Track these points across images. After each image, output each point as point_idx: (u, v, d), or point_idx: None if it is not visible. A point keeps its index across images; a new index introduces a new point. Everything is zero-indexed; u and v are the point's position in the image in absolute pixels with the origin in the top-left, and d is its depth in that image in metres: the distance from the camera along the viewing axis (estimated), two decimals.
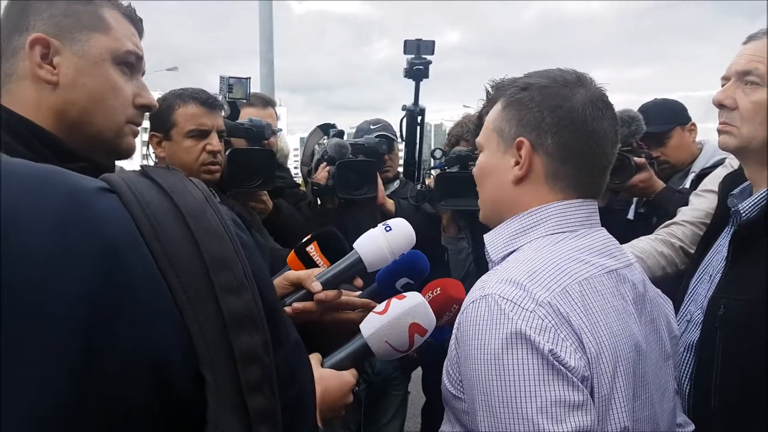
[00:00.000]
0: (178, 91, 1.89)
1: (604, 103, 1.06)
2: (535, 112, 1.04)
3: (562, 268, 0.96)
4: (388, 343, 1.07)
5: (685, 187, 2.27)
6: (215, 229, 0.56)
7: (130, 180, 0.56)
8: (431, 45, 2.58)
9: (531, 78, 1.08)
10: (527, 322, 0.88)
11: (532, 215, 1.05)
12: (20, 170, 0.51)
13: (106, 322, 0.47)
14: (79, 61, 1.01)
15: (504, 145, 1.08)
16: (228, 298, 0.53)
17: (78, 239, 0.48)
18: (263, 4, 6.46)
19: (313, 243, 1.34)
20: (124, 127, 1.07)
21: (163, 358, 0.50)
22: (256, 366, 0.54)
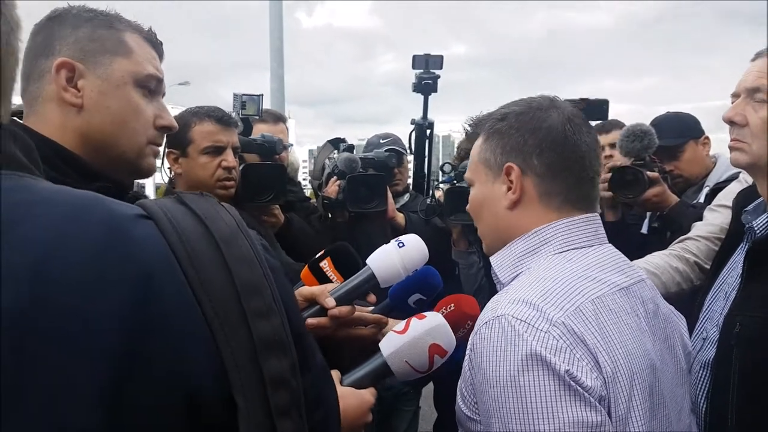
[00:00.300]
0: (194, 109, 1.92)
1: (581, 119, 1.10)
2: (516, 137, 1.07)
3: (574, 286, 0.96)
4: (408, 363, 1.06)
5: (699, 201, 2.26)
6: (246, 255, 0.57)
7: (165, 206, 0.58)
8: (440, 60, 2.60)
9: (506, 108, 1.12)
10: (542, 343, 0.88)
11: (539, 234, 1.06)
12: (60, 197, 0.53)
13: (140, 347, 0.48)
14: (103, 84, 1.04)
15: (492, 174, 1.11)
16: (258, 323, 0.54)
17: (114, 266, 0.49)
18: (273, 20, 6.55)
19: (327, 258, 1.35)
20: (146, 148, 1.10)
21: (195, 384, 0.51)
22: (285, 390, 0.55)
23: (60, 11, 1.07)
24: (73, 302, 0.46)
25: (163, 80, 1.12)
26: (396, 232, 2.46)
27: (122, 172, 1.09)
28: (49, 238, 0.48)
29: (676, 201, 2.18)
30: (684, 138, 2.50)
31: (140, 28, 1.12)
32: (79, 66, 1.02)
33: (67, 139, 1.01)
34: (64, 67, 1.01)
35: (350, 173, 2.36)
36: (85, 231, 0.50)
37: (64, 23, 1.05)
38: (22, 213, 0.49)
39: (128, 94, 1.06)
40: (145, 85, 1.08)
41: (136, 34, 1.10)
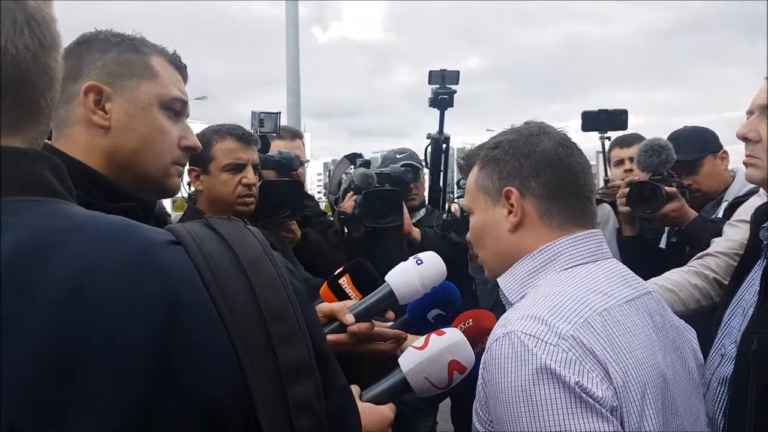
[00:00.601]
0: (216, 127, 1.96)
1: (571, 142, 1.14)
2: (512, 162, 1.11)
3: (581, 300, 0.98)
4: (427, 379, 1.06)
5: (718, 216, 2.25)
6: (271, 279, 0.58)
7: (194, 231, 0.60)
8: (455, 75, 2.63)
9: (498, 137, 1.16)
10: (552, 357, 0.89)
11: (543, 253, 1.08)
12: (94, 222, 0.55)
13: (168, 367, 0.49)
14: (130, 106, 1.07)
15: (492, 200, 1.14)
16: (283, 348, 0.56)
17: (146, 290, 0.51)
18: (289, 37, 6.64)
19: (345, 275, 1.36)
20: (171, 168, 1.12)
21: (220, 406, 0.52)
22: (309, 414, 0.56)
23: (88, 36, 1.10)
24: (106, 325, 0.48)
25: (188, 102, 1.15)
26: (412, 247, 2.46)
27: (148, 191, 1.11)
28: (83, 264, 0.50)
29: (694, 216, 2.17)
30: (702, 152, 2.49)
31: (165, 51, 1.15)
32: (107, 89, 1.05)
33: (94, 160, 1.04)
34: (93, 91, 1.04)
35: (366, 188, 2.38)
36: (118, 257, 0.52)
37: (92, 48, 1.08)
38: (59, 239, 0.51)
39: (154, 116, 1.08)
40: (170, 107, 1.11)
41: (161, 58, 1.13)
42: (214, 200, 1.93)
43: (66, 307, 0.47)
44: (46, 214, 0.53)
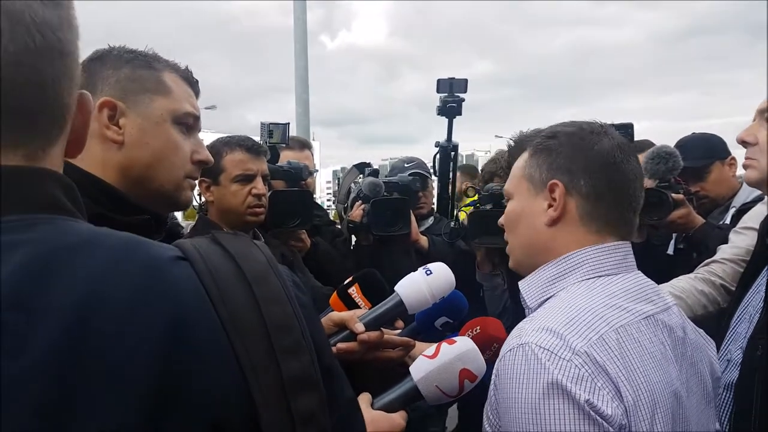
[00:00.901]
0: (225, 139, 1.99)
1: (629, 148, 1.10)
2: (565, 156, 1.07)
3: (598, 315, 0.97)
4: (438, 387, 1.07)
5: (725, 222, 2.25)
6: (276, 294, 0.59)
7: (201, 247, 0.60)
8: (464, 83, 2.63)
9: (556, 128, 1.12)
10: (563, 372, 0.89)
11: (568, 260, 1.06)
12: (103, 239, 0.56)
13: (174, 382, 0.50)
14: (143, 122, 1.09)
15: (535, 189, 1.11)
16: (288, 361, 0.56)
17: (152, 307, 0.52)
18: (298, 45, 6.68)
19: (355, 285, 1.38)
20: (183, 182, 1.14)
21: (225, 421, 0.52)
22: (313, 426, 0.57)
23: (101, 52, 1.12)
24: (113, 342, 0.49)
25: (200, 117, 1.17)
26: (419, 255, 2.48)
27: (161, 205, 1.13)
28: (91, 282, 0.50)
29: (701, 222, 2.17)
30: (710, 159, 2.50)
31: (177, 67, 1.17)
32: (121, 105, 1.07)
33: (108, 174, 1.05)
34: (106, 106, 1.06)
35: (374, 197, 2.41)
36: (125, 275, 0.52)
37: (106, 64, 1.09)
38: (67, 257, 0.51)
39: (167, 131, 1.10)
40: (182, 122, 1.13)
41: (173, 74, 1.15)
42: (225, 211, 1.95)
43: (73, 324, 0.48)
44: (54, 231, 0.54)
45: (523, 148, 1.16)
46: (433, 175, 2.87)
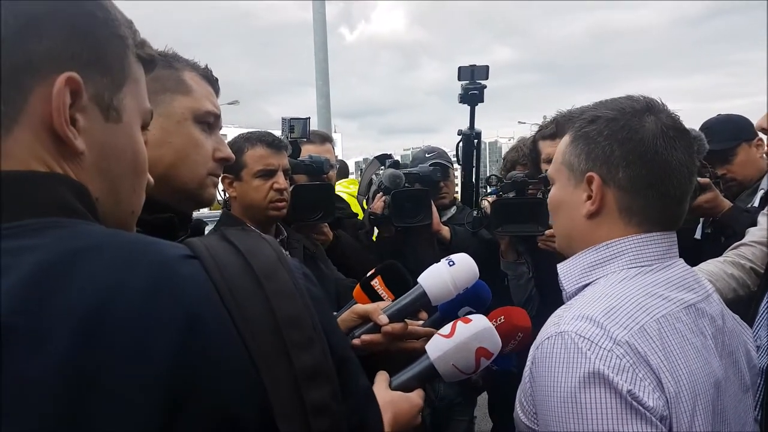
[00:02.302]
0: (246, 135, 2.01)
1: (677, 131, 1.02)
2: (604, 145, 1.02)
3: (639, 304, 0.94)
4: (455, 366, 1.09)
5: (754, 205, 2.20)
6: (286, 288, 0.60)
7: (209, 244, 0.61)
8: (485, 70, 2.60)
9: (598, 110, 1.06)
10: (605, 362, 0.87)
11: (610, 248, 1.04)
12: (111, 241, 0.56)
13: (188, 384, 0.51)
14: (165, 121, 1.10)
15: (574, 179, 1.08)
16: (299, 354, 0.57)
17: (163, 309, 0.52)
18: (317, 38, 6.69)
19: (378, 277, 1.39)
20: (206, 179, 1.16)
21: (240, 417, 0.53)
22: (327, 417, 0.58)
23: None
24: (125, 344, 0.49)
25: (220, 115, 1.18)
26: (441, 245, 2.48)
27: (184, 202, 1.14)
28: (100, 285, 0.51)
29: (728, 206, 2.13)
30: (736, 141, 2.45)
31: (197, 66, 1.18)
32: None
33: None
34: None
35: (395, 189, 2.41)
36: (136, 274, 0.53)
37: None
38: (78, 261, 0.52)
39: (189, 129, 1.12)
40: (204, 121, 1.14)
41: (194, 73, 1.16)
42: (248, 206, 1.98)
43: (85, 328, 0.48)
44: (64, 235, 0.54)
45: (564, 131, 1.12)
46: (456, 163, 2.86)
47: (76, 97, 0.60)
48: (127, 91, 0.67)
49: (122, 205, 0.68)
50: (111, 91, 0.64)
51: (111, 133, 0.65)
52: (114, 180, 0.66)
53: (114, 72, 0.65)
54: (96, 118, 0.63)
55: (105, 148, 0.64)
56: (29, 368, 0.46)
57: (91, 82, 0.61)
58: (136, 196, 0.71)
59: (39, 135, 0.58)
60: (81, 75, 0.60)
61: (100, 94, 0.63)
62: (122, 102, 0.66)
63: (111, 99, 0.64)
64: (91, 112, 0.62)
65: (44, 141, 0.59)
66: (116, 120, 0.65)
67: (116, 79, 0.65)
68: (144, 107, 0.73)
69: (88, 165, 0.62)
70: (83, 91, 0.60)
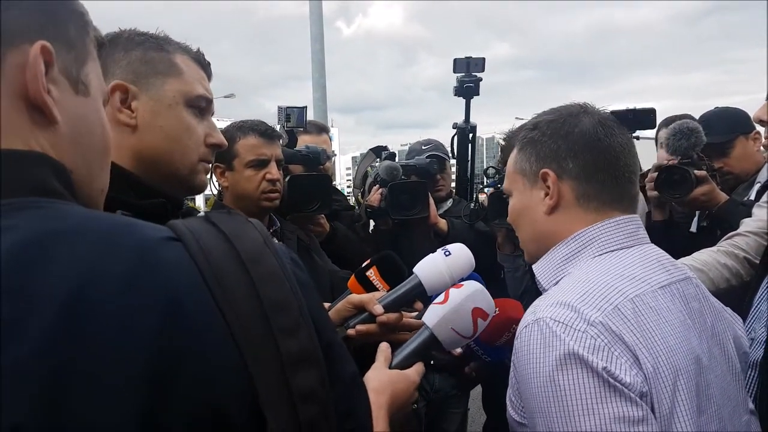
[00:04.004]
0: (239, 124, 1.98)
1: (611, 120, 1.11)
2: (549, 144, 1.09)
3: (612, 286, 0.97)
4: (454, 330, 1.10)
5: (750, 198, 2.19)
6: (272, 272, 0.58)
7: (193, 227, 0.59)
8: (481, 62, 2.57)
9: (537, 118, 1.15)
10: (579, 342, 0.89)
11: (578, 239, 1.07)
12: (91, 224, 0.55)
13: (172, 370, 0.49)
14: (155, 104, 1.08)
15: (529, 182, 1.13)
16: (285, 339, 0.56)
17: (145, 292, 0.51)
18: (314, 31, 6.67)
19: (373, 268, 1.38)
20: (197, 165, 1.14)
21: (225, 402, 0.52)
22: (314, 403, 0.57)
23: (112, 35, 1.11)
24: (107, 328, 0.48)
25: (212, 100, 1.17)
26: (439, 237, 2.47)
27: (176, 188, 1.12)
28: (81, 268, 0.49)
29: (725, 199, 2.13)
30: (733, 133, 2.44)
31: (189, 49, 1.16)
32: (133, 88, 1.06)
33: (121, 158, 1.05)
34: (118, 89, 1.05)
35: (391, 181, 2.40)
36: (117, 257, 0.52)
37: (117, 47, 1.09)
38: (58, 242, 0.50)
39: (180, 113, 1.10)
40: (195, 105, 1.12)
41: (185, 56, 1.14)
42: (239, 196, 1.96)
43: (67, 311, 0.47)
44: (44, 216, 0.53)
45: (512, 146, 1.19)
46: (452, 157, 2.84)
47: (48, 67, 0.59)
48: (90, 69, 0.67)
49: (94, 180, 0.68)
50: (77, 67, 0.64)
51: (81, 106, 0.65)
52: (86, 153, 0.65)
53: (77, 48, 0.65)
54: (67, 90, 0.62)
55: (77, 120, 0.64)
56: (9, 354, 0.45)
57: (60, 56, 0.61)
58: (104, 174, 0.71)
59: (15, 104, 0.57)
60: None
61: (68, 68, 0.63)
62: (88, 77, 0.66)
63: (78, 73, 0.64)
64: (61, 84, 0.62)
65: (20, 111, 0.58)
66: (85, 93, 0.65)
67: (80, 55, 0.65)
68: (104, 88, 0.72)
69: (63, 136, 0.61)
70: (54, 62, 0.60)
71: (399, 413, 1.01)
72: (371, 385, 0.96)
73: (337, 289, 1.71)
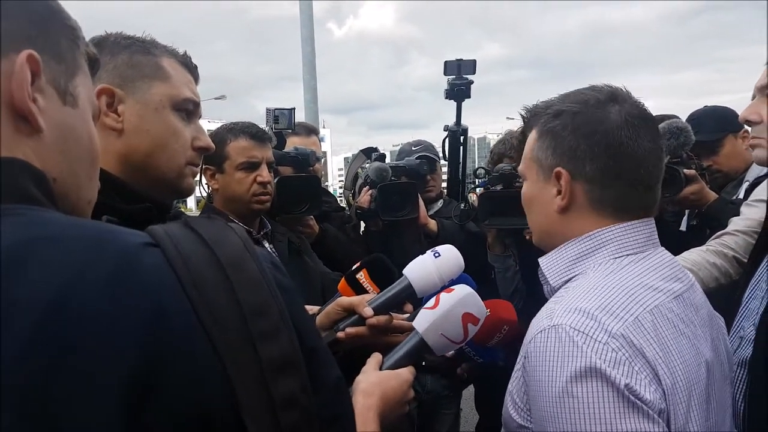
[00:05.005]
0: (229, 126, 1.97)
1: (641, 119, 1.02)
2: (569, 140, 1.02)
3: (632, 296, 0.94)
4: (444, 335, 1.09)
5: (739, 196, 2.21)
6: (252, 277, 0.58)
7: (172, 233, 0.59)
8: (472, 64, 2.56)
9: (563, 103, 1.06)
10: (601, 355, 0.85)
11: (591, 239, 1.03)
12: (70, 231, 0.54)
13: (152, 379, 0.49)
14: (142, 108, 1.07)
15: (543, 174, 1.07)
16: (265, 344, 0.55)
17: (125, 299, 0.50)
18: (305, 32, 6.65)
19: (363, 270, 1.37)
20: (185, 169, 1.13)
21: (205, 409, 0.52)
22: (295, 410, 0.56)
23: (98, 39, 1.10)
24: (87, 337, 0.47)
25: (200, 103, 1.16)
26: (429, 239, 2.47)
27: (163, 192, 1.12)
28: (63, 274, 0.49)
29: (714, 198, 2.14)
30: (722, 132, 2.45)
31: (176, 52, 1.16)
32: (119, 91, 1.06)
33: (108, 162, 1.04)
34: (105, 93, 1.05)
35: (381, 182, 2.39)
36: (98, 264, 0.51)
37: (103, 50, 1.07)
38: (37, 250, 0.50)
39: (166, 117, 1.09)
40: (182, 108, 1.11)
41: (172, 59, 1.13)
42: (230, 199, 1.95)
43: (50, 316, 0.46)
44: (24, 222, 0.53)
45: (531, 126, 1.11)
46: (442, 159, 2.84)
47: (34, 76, 0.59)
48: (79, 81, 0.67)
49: (81, 191, 0.67)
50: (66, 78, 0.64)
51: (68, 116, 0.65)
52: (72, 162, 0.65)
53: (67, 61, 0.65)
54: (54, 100, 0.63)
55: (63, 129, 0.63)
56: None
57: (48, 67, 0.61)
58: (92, 185, 0.71)
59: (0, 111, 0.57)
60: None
61: (56, 78, 0.63)
62: (77, 89, 0.66)
63: (66, 85, 0.64)
64: (49, 93, 0.62)
65: (5, 118, 0.57)
66: (73, 104, 0.65)
67: (69, 67, 0.66)
68: (94, 101, 0.73)
69: (48, 145, 0.61)
70: (41, 72, 0.60)
71: (393, 413, 0.99)
72: (360, 387, 0.96)
73: (329, 291, 1.70)
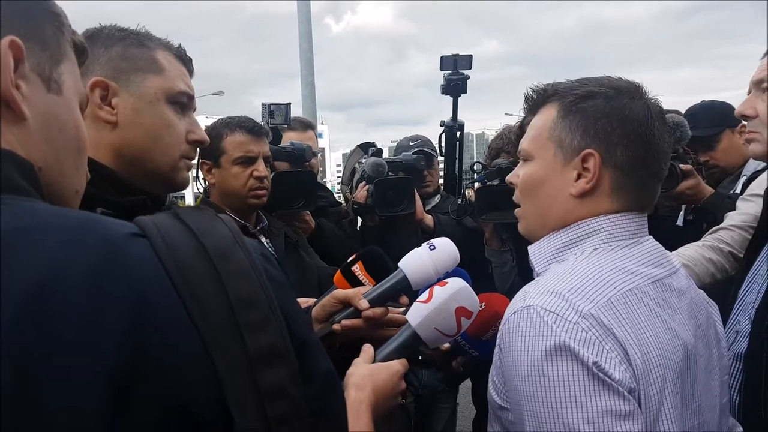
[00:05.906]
0: (226, 120, 1.97)
1: (662, 114, 1.04)
2: (604, 123, 0.99)
3: (606, 279, 0.94)
4: (437, 329, 1.09)
5: (736, 191, 2.21)
6: (241, 268, 0.58)
7: (160, 223, 0.58)
8: (468, 59, 2.55)
9: (590, 86, 1.03)
10: (570, 334, 0.87)
11: (581, 227, 1.03)
12: (57, 221, 0.54)
13: (137, 369, 0.49)
14: (136, 101, 1.07)
15: (563, 156, 1.03)
16: (253, 335, 0.55)
17: (110, 291, 0.50)
18: (302, 28, 6.64)
19: (358, 263, 1.37)
20: (179, 162, 1.13)
21: (191, 400, 0.51)
22: (284, 400, 0.56)
23: (92, 31, 1.09)
24: (73, 326, 0.47)
25: (194, 96, 1.15)
26: (425, 234, 2.47)
27: (157, 185, 1.11)
28: (46, 264, 0.49)
29: (710, 193, 2.14)
30: (719, 127, 2.45)
31: (170, 45, 1.15)
32: (113, 84, 1.05)
33: (102, 155, 1.04)
34: (99, 86, 1.04)
35: (378, 177, 2.39)
36: (82, 254, 0.51)
37: (97, 43, 1.07)
38: (20, 239, 0.49)
39: (161, 110, 1.09)
40: (177, 101, 1.11)
41: (166, 52, 1.13)
42: (226, 193, 1.94)
43: (30, 307, 0.46)
44: (9, 213, 0.52)
45: (545, 102, 1.07)
46: (439, 155, 2.84)
47: (18, 63, 0.58)
48: (65, 69, 0.66)
49: (67, 180, 0.66)
50: (50, 65, 0.64)
51: (53, 104, 0.64)
52: (58, 151, 0.64)
53: (52, 48, 0.64)
54: (38, 87, 0.62)
55: (48, 117, 0.63)
56: None
57: (32, 53, 0.61)
58: (79, 175, 0.70)
59: None
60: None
61: (41, 65, 0.62)
62: (62, 77, 0.65)
63: (51, 72, 0.63)
64: (32, 80, 0.61)
65: None
66: (57, 92, 0.64)
67: (54, 55, 0.65)
68: (81, 90, 0.71)
69: (32, 132, 0.60)
70: (25, 58, 0.59)
71: (385, 406, 0.99)
72: (351, 380, 0.95)
73: (325, 285, 1.70)
